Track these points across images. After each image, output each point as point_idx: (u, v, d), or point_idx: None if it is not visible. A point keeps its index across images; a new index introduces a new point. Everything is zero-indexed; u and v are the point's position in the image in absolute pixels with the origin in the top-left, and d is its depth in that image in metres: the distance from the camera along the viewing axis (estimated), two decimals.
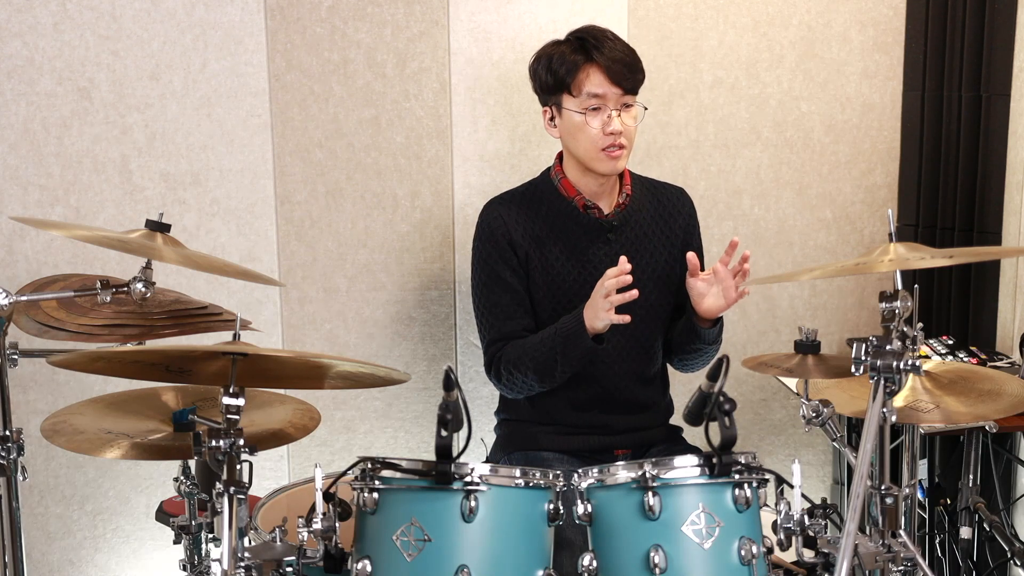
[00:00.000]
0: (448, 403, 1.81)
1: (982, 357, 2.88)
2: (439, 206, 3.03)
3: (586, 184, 2.52)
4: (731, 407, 1.83)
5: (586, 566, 1.87)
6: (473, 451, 1.96)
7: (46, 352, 2.04)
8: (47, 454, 2.95)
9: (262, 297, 3.02)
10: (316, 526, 1.87)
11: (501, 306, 2.51)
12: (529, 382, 2.46)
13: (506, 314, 2.50)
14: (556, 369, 2.42)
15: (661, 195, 2.63)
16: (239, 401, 1.84)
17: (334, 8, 2.92)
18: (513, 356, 2.47)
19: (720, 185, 3.12)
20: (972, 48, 2.98)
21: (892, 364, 1.77)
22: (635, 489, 1.85)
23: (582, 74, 2.43)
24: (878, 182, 3.18)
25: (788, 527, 1.85)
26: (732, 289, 2.39)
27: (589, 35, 2.45)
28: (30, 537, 2.99)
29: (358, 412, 3.10)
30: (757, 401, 3.24)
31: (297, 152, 2.97)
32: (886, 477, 1.90)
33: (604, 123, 2.42)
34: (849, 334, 3.20)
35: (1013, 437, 2.97)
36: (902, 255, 1.88)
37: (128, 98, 2.88)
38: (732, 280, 2.38)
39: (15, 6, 2.81)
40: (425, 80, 2.97)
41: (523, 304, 2.51)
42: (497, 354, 2.50)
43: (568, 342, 2.39)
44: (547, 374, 2.44)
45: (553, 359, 2.41)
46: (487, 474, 1.84)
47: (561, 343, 2.40)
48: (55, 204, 2.90)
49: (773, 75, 3.09)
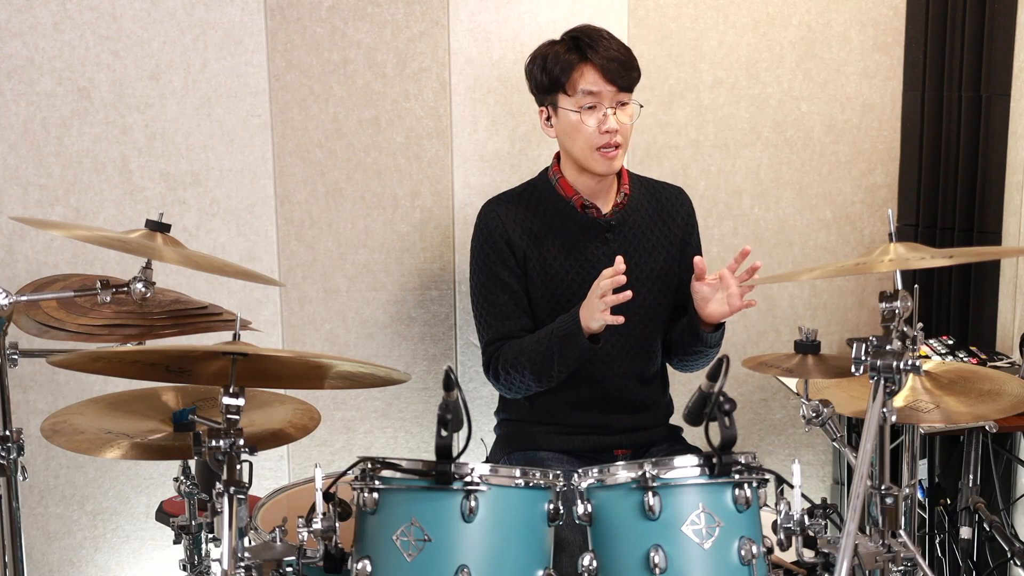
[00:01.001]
0: (448, 403, 1.81)
1: (982, 357, 2.88)
2: (439, 206, 3.03)
3: (584, 183, 2.52)
4: (731, 407, 1.83)
5: (586, 566, 1.87)
6: (473, 451, 1.96)
7: (46, 352, 2.04)
8: (47, 454, 2.95)
9: (262, 297, 3.02)
10: (316, 526, 1.87)
11: (499, 306, 2.51)
12: (526, 382, 2.46)
13: (504, 314, 2.50)
14: (553, 369, 2.42)
15: (659, 195, 2.63)
16: (239, 401, 1.84)
17: (334, 8, 2.92)
18: (510, 356, 2.47)
19: (720, 185, 3.12)
20: (972, 48, 2.98)
21: (892, 364, 1.77)
22: (635, 489, 1.85)
23: (576, 73, 2.43)
24: (878, 182, 3.18)
25: (788, 527, 1.85)
26: (737, 297, 2.38)
27: (584, 34, 2.46)
28: (30, 537, 2.99)
29: (358, 412, 3.10)
30: (757, 401, 3.24)
31: (297, 152, 2.97)
32: (886, 477, 1.90)
33: (600, 121, 2.42)
34: (849, 334, 3.20)
35: (1013, 437, 2.97)
36: (902, 255, 1.88)
37: (128, 98, 2.88)
38: (737, 288, 2.38)
39: (15, 6, 2.81)
40: (425, 80, 2.97)
41: (521, 304, 2.51)
42: (495, 354, 2.50)
43: (564, 342, 2.39)
44: (544, 374, 2.44)
45: (550, 359, 2.41)
46: (487, 474, 1.84)
47: (557, 343, 2.40)
48: (55, 204, 2.90)
49: (773, 75, 3.09)
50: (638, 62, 2.48)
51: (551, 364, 2.42)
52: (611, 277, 2.29)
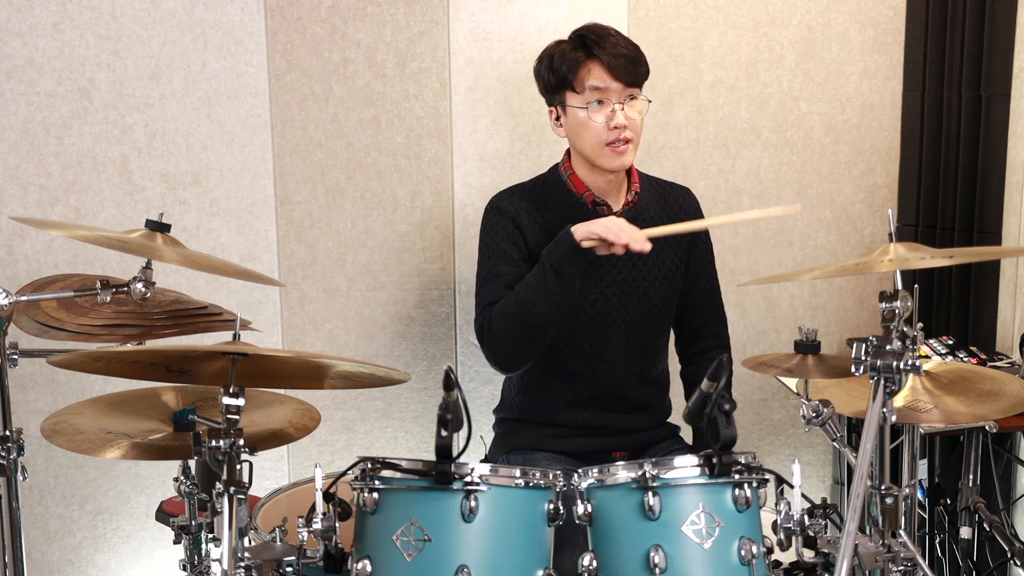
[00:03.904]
0: (448, 403, 1.81)
1: (982, 357, 2.88)
2: (439, 206, 3.03)
3: (595, 181, 2.51)
4: (731, 407, 1.83)
5: (586, 566, 1.87)
6: (473, 449, 1.96)
7: (46, 352, 2.04)
8: (47, 454, 2.95)
9: (262, 297, 3.02)
10: (316, 526, 1.87)
11: (503, 276, 2.45)
12: (525, 322, 2.37)
13: (506, 283, 2.44)
14: (544, 284, 2.34)
15: (668, 195, 2.63)
16: (239, 401, 1.84)
17: (334, 8, 2.92)
18: (507, 299, 2.40)
19: (720, 185, 3.12)
20: (972, 48, 2.98)
21: (892, 364, 1.77)
22: (635, 489, 1.85)
23: (583, 70, 2.43)
24: (878, 182, 3.18)
25: (788, 527, 1.85)
26: None
27: (591, 32, 2.46)
28: (30, 537, 2.99)
29: (358, 412, 3.10)
30: (757, 401, 3.24)
31: (297, 152, 2.97)
32: (886, 477, 1.90)
33: (608, 117, 2.41)
34: (849, 334, 3.20)
35: (1013, 437, 2.97)
36: (902, 255, 1.88)
37: (128, 98, 2.88)
38: None
39: (15, 6, 2.81)
40: (425, 80, 2.97)
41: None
42: (490, 312, 2.43)
43: (552, 251, 2.35)
44: (544, 297, 2.35)
45: (542, 272, 2.35)
46: (487, 474, 1.84)
47: (546, 255, 2.35)
48: (55, 204, 2.90)
49: (773, 75, 3.09)
50: (646, 58, 2.47)
51: (544, 277, 2.34)
52: (638, 242, 2.28)
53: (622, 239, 2.29)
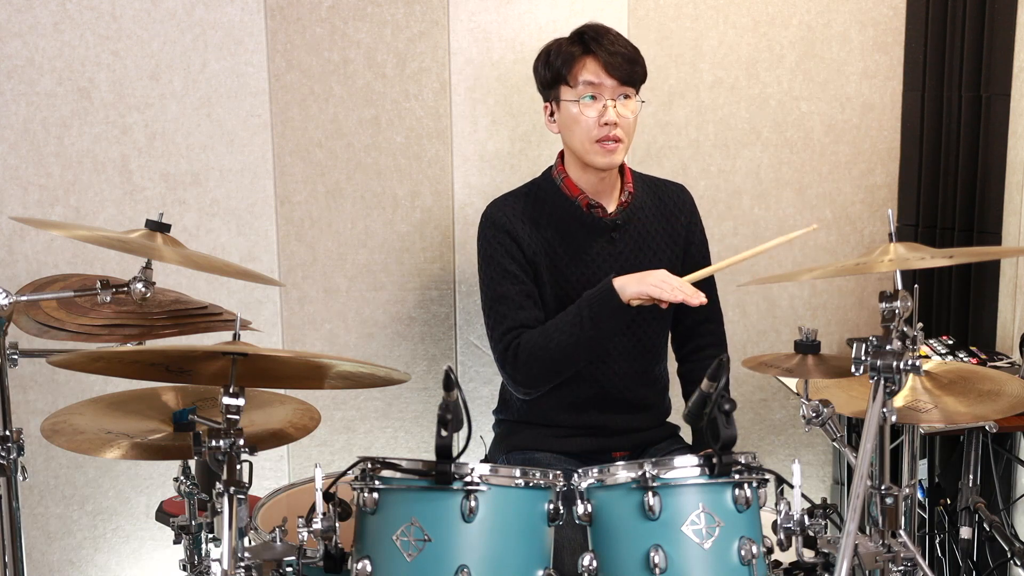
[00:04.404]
0: (448, 403, 1.80)
1: (982, 357, 2.88)
2: (439, 206, 3.03)
3: (587, 182, 2.51)
4: (731, 407, 1.83)
5: (586, 566, 1.87)
6: (473, 449, 1.96)
7: (46, 352, 2.04)
8: (47, 454, 2.95)
9: (262, 297, 3.02)
10: (316, 526, 1.87)
11: (510, 296, 2.47)
12: (556, 364, 2.42)
13: (516, 304, 2.46)
14: (585, 332, 2.38)
15: (662, 193, 2.63)
16: (239, 401, 1.84)
17: (334, 8, 2.92)
18: (537, 339, 2.42)
19: (720, 185, 3.12)
20: (972, 48, 2.98)
21: (892, 364, 1.77)
22: (635, 489, 1.85)
23: (578, 65, 2.43)
24: (878, 182, 3.18)
25: (788, 527, 1.85)
26: None
27: (590, 29, 2.46)
28: (30, 537, 2.99)
29: (358, 412, 3.10)
30: (757, 401, 3.24)
31: (297, 152, 2.97)
32: (886, 477, 1.90)
33: (599, 113, 2.42)
34: (849, 334, 3.20)
35: (1013, 437, 2.97)
36: (902, 255, 1.88)
37: (128, 98, 2.88)
38: None
39: (15, 6, 2.81)
40: (425, 80, 2.97)
41: (532, 296, 2.48)
42: (514, 341, 2.44)
43: (595, 303, 2.37)
44: (579, 344, 2.39)
45: (579, 323, 2.38)
46: (487, 474, 1.84)
47: (587, 305, 2.38)
48: (55, 204, 2.90)
49: (773, 75, 3.09)
50: (644, 61, 2.47)
51: (583, 327, 2.38)
52: (695, 299, 2.32)
53: (677, 297, 2.32)
